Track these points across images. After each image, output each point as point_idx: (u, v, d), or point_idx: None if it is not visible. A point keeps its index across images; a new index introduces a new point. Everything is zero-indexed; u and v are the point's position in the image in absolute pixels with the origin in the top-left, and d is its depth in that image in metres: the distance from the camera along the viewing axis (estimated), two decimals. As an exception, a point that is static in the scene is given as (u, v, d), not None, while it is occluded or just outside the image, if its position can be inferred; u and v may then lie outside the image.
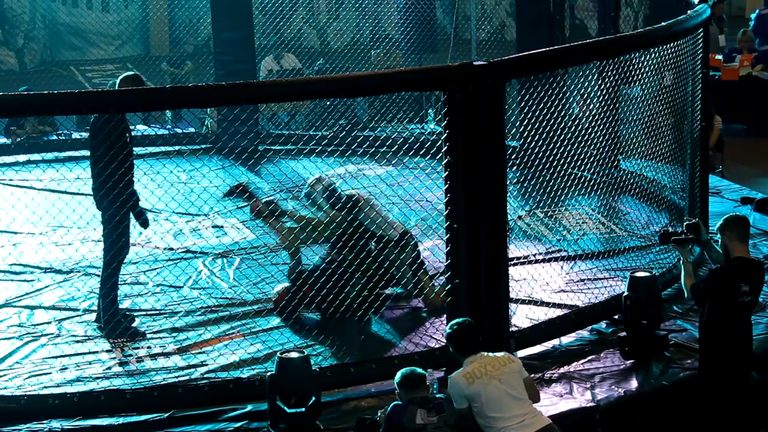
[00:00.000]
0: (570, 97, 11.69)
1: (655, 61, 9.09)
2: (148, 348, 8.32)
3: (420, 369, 6.78)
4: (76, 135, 14.02)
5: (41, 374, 7.92)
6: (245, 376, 7.65)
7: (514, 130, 9.02)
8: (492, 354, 6.86)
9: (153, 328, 8.65)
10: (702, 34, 9.57)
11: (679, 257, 7.87)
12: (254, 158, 12.27)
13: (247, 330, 8.57)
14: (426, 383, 6.73)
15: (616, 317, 8.48)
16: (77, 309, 9.07)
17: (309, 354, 7.17)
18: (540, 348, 8.18)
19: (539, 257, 9.62)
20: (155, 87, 11.50)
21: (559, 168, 9.02)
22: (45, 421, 7.24)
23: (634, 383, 7.76)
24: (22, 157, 13.95)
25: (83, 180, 10.05)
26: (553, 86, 9.11)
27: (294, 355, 6.97)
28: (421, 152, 10.05)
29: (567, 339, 8.35)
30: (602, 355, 8.13)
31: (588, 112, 10.33)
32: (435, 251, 9.48)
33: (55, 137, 14.31)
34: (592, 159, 9.28)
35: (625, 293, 8.08)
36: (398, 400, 6.69)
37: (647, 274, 8.19)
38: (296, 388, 6.89)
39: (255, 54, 14.50)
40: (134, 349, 8.32)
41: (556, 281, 9.16)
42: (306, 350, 7.43)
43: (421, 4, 16.56)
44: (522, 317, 8.50)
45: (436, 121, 14.23)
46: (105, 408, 7.36)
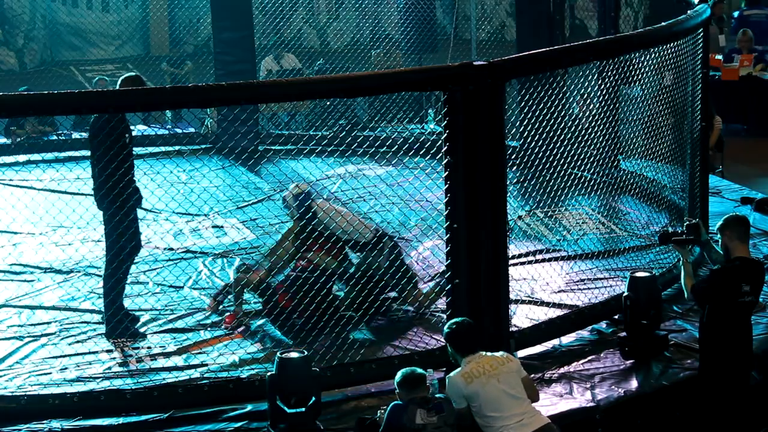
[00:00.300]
0: (570, 97, 11.68)
1: (655, 61, 9.08)
2: (148, 348, 8.32)
3: (420, 369, 6.79)
4: (75, 135, 14.02)
5: (41, 374, 7.92)
6: (245, 376, 7.64)
7: (514, 130, 9.01)
8: (490, 353, 6.86)
9: (153, 329, 8.65)
10: (702, 34, 9.57)
11: (679, 257, 7.87)
12: (254, 158, 12.27)
13: (247, 330, 8.57)
14: (426, 383, 6.74)
15: (616, 317, 8.48)
16: (77, 309, 9.07)
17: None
18: (540, 348, 8.17)
19: (539, 257, 9.62)
20: (155, 87, 11.49)
21: (559, 168, 9.01)
22: (45, 421, 7.24)
23: (634, 383, 7.75)
24: (22, 157, 13.95)
25: (83, 180, 10.06)
26: (553, 86, 9.11)
27: (294, 355, 6.96)
28: (421, 152, 10.03)
29: (567, 339, 8.34)
30: (602, 355, 8.12)
31: (588, 112, 10.32)
32: (435, 251, 9.48)
33: (55, 137, 14.31)
34: (592, 159, 9.27)
35: (625, 293, 8.08)
36: (398, 400, 6.70)
37: (647, 274, 8.18)
38: (296, 388, 6.88)
39: (255, 54, 14.51)
40: (134, 349, 8.32)
41: (556, 281, 9.15)
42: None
43: (421, 4, 16.55)
44: (522, 317, 8.49)
45: (436, 121, 14.22)
46: (105, 408, 7.36)
